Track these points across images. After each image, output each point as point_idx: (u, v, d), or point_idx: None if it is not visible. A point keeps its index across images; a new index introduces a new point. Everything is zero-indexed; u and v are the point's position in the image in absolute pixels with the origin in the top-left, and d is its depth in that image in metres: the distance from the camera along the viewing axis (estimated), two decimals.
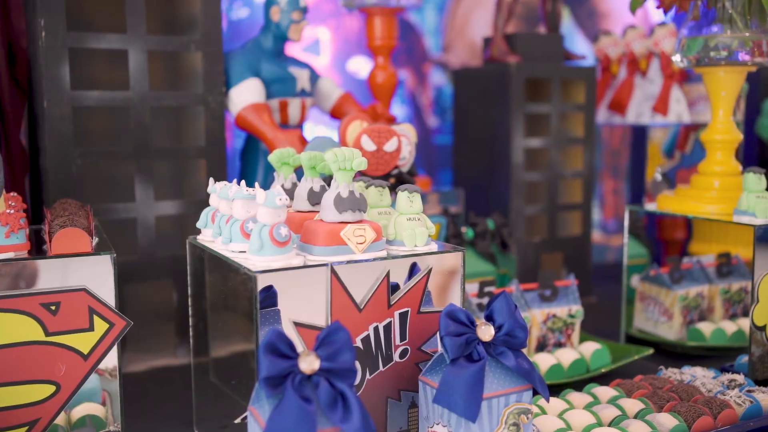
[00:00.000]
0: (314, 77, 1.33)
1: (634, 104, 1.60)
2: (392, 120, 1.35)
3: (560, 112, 1.52)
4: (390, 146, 1.04)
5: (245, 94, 1.20)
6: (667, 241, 1.67)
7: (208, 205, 0.91)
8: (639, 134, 1.79)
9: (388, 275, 0.78)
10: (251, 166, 1.28)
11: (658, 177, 1.64)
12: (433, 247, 0.82)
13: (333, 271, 0.75)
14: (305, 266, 0.74)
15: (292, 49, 1.57)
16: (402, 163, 1.10)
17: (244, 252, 0.78)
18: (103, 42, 1.11)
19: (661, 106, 1.51)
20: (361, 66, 1.76)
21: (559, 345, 1.14)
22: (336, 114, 1.37)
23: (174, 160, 1.17)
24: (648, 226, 1.66)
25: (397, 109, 1.85)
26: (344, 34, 1.76)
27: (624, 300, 1.26)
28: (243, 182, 0.84)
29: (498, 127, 1.49)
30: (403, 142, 1.09)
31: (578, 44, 2.04)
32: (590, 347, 1.10)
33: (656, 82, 1.55)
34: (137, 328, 1.17)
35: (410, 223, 0.81)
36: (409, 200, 0.82)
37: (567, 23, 2.03)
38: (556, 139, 1.52)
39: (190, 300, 0.92)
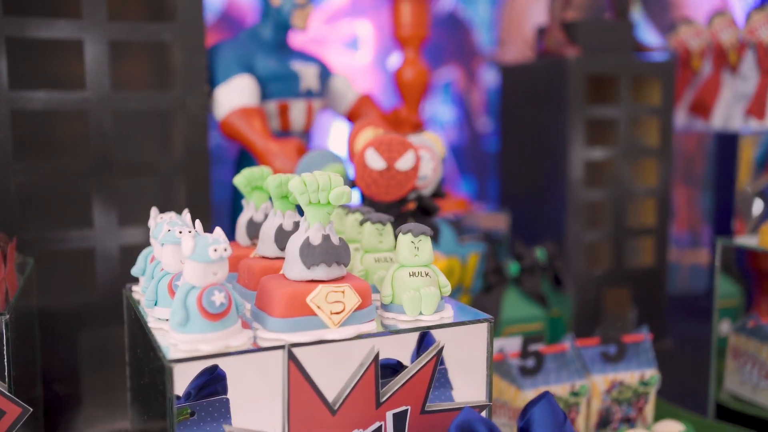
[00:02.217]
0: (325, 74, 1.09)
1: (721, 106, 1.31)
2: (419, 126, 1.11)
3: (630, 115, 1.25)
4: (404, 163, 0.79)
5: (233, 95, 0.97)
6: (763, 275, 1.38)
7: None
8: (726, 142, 1.50)
9: (376, 359, 0.53)
10: None
11: (750, 195, 1.35)
12: (448, 314, 0.58)
13: (291, 357, 0.51)
14: (248, 351, 0.50)
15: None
16: (422, 183, 0.85)
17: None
18: (53, 30, 0.89)
19: (757, 108, 1.23)
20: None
21: (627, 421, 0.87)
22: (353, 119, 1.13)
23: (144, 177, 0.94)
24: (738, 258, 1.37)
25: (445, 112, 1.63)
26: (387, 28, 1.56)
27: (714, 356, 0.99)
28: (186, 215, 0.61)
29: (553, 134, 1.22)
30: (424, 158, 0.84)
31: (650, 40, 1.76)
32: (671, 429, 0.84)
33: (750, 80, 1.26)
34: (94, 383, 0.96)
35: (414, 280, 0.57)
36: (413, 247, 0.57)
37: (636, 17, 1.75)
38: (624, 148, 1.24)
39: (127, 368, 0.69)
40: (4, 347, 0.59)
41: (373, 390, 0.53)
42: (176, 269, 0.56)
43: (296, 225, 0.61)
